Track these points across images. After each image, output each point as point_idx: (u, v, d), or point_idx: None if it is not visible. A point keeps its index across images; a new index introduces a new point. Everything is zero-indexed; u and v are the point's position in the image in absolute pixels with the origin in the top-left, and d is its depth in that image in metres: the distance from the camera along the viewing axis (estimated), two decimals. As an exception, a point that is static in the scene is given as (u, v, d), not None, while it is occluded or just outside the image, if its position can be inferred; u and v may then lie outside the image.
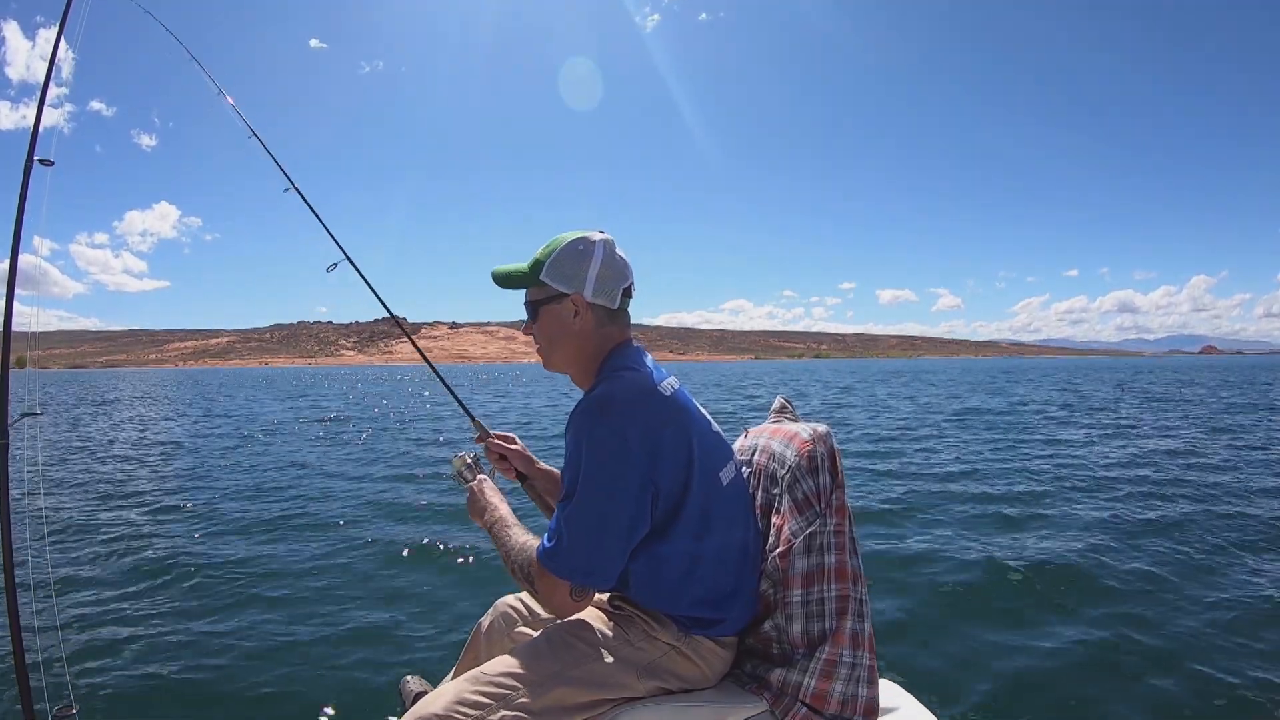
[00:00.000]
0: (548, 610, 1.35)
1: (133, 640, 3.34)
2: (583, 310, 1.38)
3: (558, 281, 1.37)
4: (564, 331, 1.40)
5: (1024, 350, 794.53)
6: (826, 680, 1.29)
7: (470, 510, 1.56)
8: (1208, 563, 4.36)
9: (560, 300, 1.38)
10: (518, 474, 1.79)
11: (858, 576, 1.36)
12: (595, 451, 1.23)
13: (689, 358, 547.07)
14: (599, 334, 1.40)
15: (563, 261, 1.37)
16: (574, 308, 1.38)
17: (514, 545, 1.38)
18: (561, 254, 1.37)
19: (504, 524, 1.44)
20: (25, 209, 1.84)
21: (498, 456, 1.79)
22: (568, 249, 1.38)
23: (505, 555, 1.39)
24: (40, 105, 1.93)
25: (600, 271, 1.37)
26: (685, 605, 1.33)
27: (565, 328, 1.40)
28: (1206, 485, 6.78)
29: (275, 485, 7.50)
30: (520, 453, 1.79)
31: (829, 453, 1.41)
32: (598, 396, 1.28)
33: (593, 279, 1.36)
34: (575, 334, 1.39)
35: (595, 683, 1.29)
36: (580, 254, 1.37)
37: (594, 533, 1.24)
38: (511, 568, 1.36)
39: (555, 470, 1.79)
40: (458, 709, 1.23)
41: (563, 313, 1.39)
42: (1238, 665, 3.01)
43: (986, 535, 5.11)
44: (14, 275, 1.86)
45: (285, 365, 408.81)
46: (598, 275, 1.37)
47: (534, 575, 1.30)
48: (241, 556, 4.72)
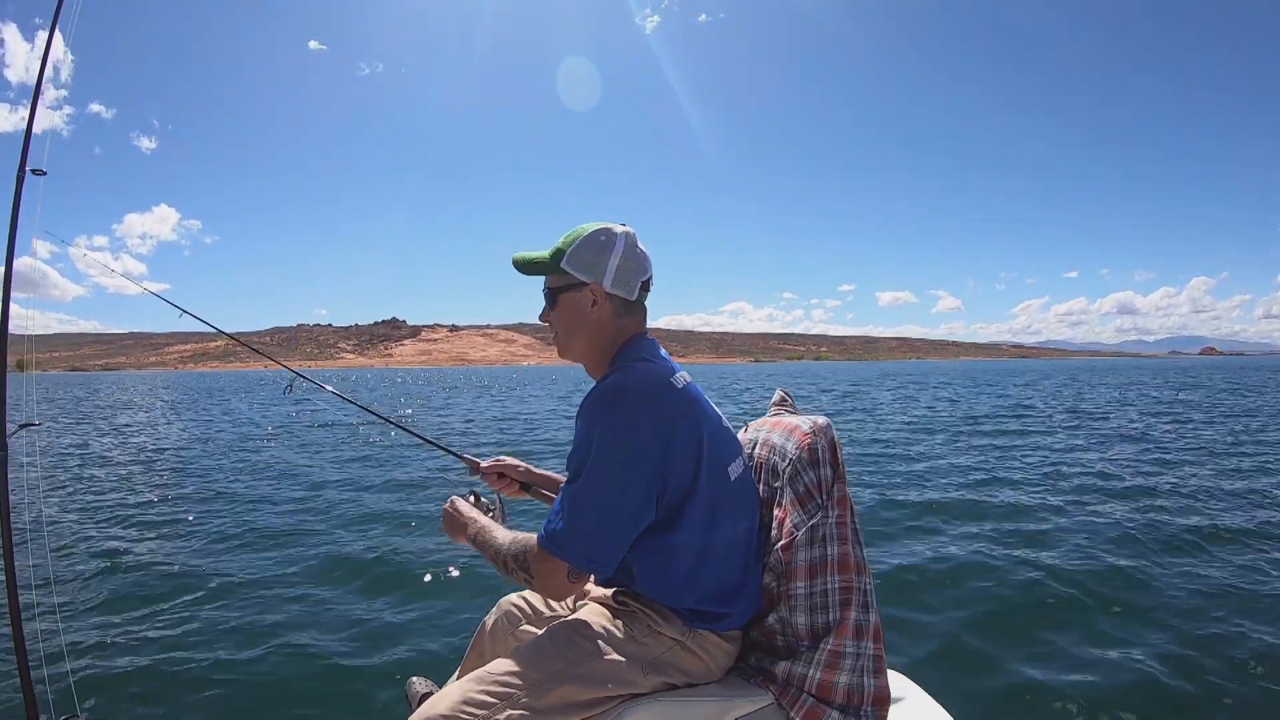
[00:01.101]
0: (543, 593, 1.34)
1: (136, 646, 3.33)
2: (601, 300, 1.39)
3: (578, 270, 1.38)
4: (581, 320, 1.41)
5: (1024, 352, 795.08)
6: (831, 671, 1.29)
7: (448, 530, 1.55)
8: (1229, 566, 4.36)
9: (579, 289, 1.39)
10: (521, 486, 1.81)
11: (861, 567, 1.36)
12: (606, 440, 1.23)
13: (689, 360, 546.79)
14: (615, 324, 1.41)
15: (584, 250, 1.38)
16: (592, 297, 1.39)
17: (503, 540, 1.37)
18: (583, 243, 1.38)
19: (487, 529, 1.44)
20: (19, 218, 1.84)
21: (495, 476, 1.81)
22: (589, 238, 1.39)
23: (495, 554, 1.37)
24: (31, 114, 1.93)
25: (620, 263, 1.38)
26: (692, 599, 1.33)
27: (583, 316, 1.40)
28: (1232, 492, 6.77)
29: (277, 489, 7.49)
30: (515, 467, 1.81)
31: (829, 445, 1.41)
32: (611, 385, 1.28)
33: (613, 269, 1.37)
34: (592, 323, 1.40)
35: (600, 680, 1.28)
36: (602, 244, 1.38)
37: (599, 520, 1.24)
38: (503, 560, 1.34)
39: (556, 475, 1.81)
40: (463, 709, 1.23)
41: (581, 301, 1.40)
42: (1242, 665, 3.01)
43: (998, 539, 5.11)
44: (9, 283, 1.85)
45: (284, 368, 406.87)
46: (618, 266, 1.38)
47: (530, 559, 1.29)
48: (245, 560, 4.71)
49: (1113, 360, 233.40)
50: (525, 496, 1.82)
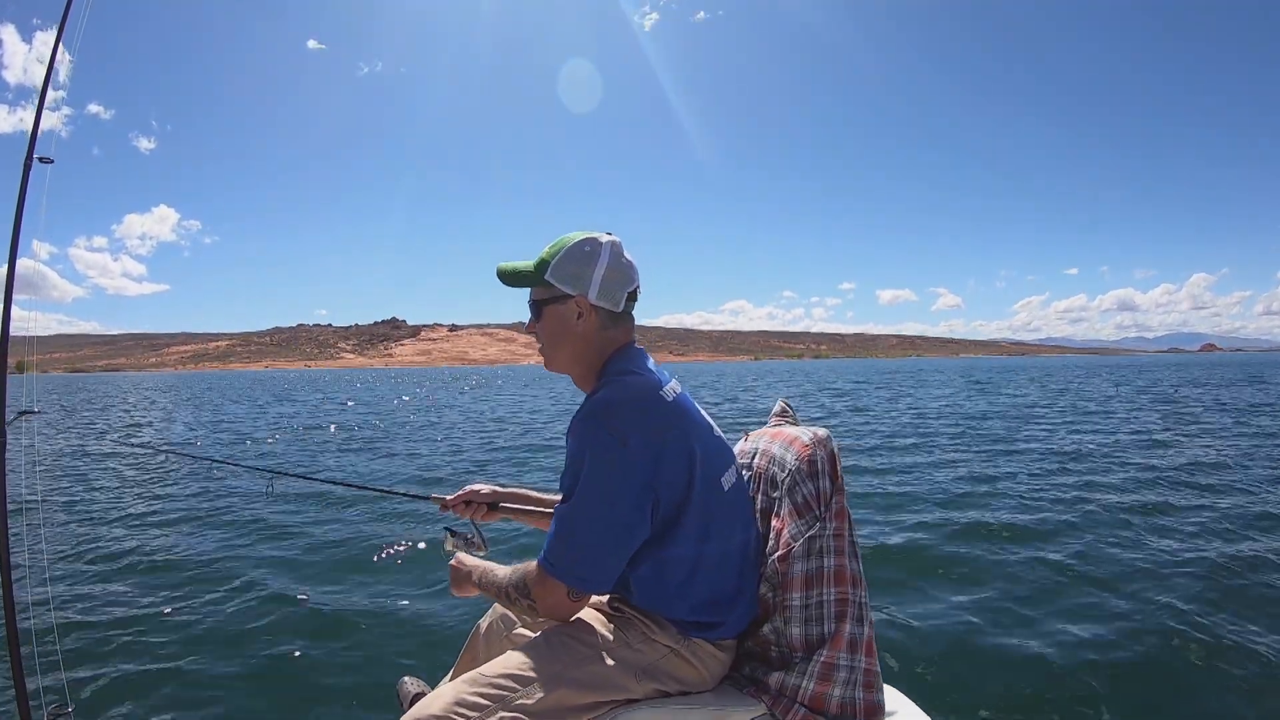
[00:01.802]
0: (545, 615, 1.35)
1: (130, 642, 3.33)
2: (586, 312, 1.37)
3: (562, 282, 1.36)
4: (566, 332, 1.39)
5: (1024, 349, 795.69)
6: (825, 683, 1.29)
7: (455, 587, 1.59)
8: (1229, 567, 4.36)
9: (564, 301, 1.38)
10: (489, 507, 1.84)
11: (857, 580, 1.36)
12: (597, 457, 1.23)
13: (689, 358, 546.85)
14: (601, 336, 1.39)
15: (568, 262, 1.36)
16: (577, 309, 1.37)
17: (504, 574, 1.42)
18: (567, 254, 1.37)
19: (488, 571, 1.49)
20: (24, 211, 1.84)
21: (463, 504, 1.85)
22: (574, 249, 1.37)
23: (498, 590, 1.42)
24: (40, 104, 1.94)
25: (606, 274, 1.36)
26: (687, 609, 1.33)
27: (568, 329, 1.39)
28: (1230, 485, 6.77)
29: (274, 489, 7.48)
30: (480, 492, 1.85)
31: (829, 456, 1.41)
32: (600, 401, 1.27)
33: (598, 281, 1.35)
34: (578, 335, 1.39)
35: (594, 684, 1.28)
36: (587, 255, 1.36)
37: (594, 538, 1.24)
38: (506, 593, 1.39)
39: (522, 489, 1.87)
40: (456, 710, 1.23)
41: (566, 314, 1.38)
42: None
43: (996, 541, 5.10)
44: (12, 278, 1.86)
45: (285, 368, 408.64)
46: (603, 278, 1.36)
47: (530, 584, 1.32)
48: (237, 560, 4.70)
49: (1113, 358, 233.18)
50: (496, 517, 1.86)
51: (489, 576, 1.47)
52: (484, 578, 1.48)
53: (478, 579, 1.51)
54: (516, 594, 1.35)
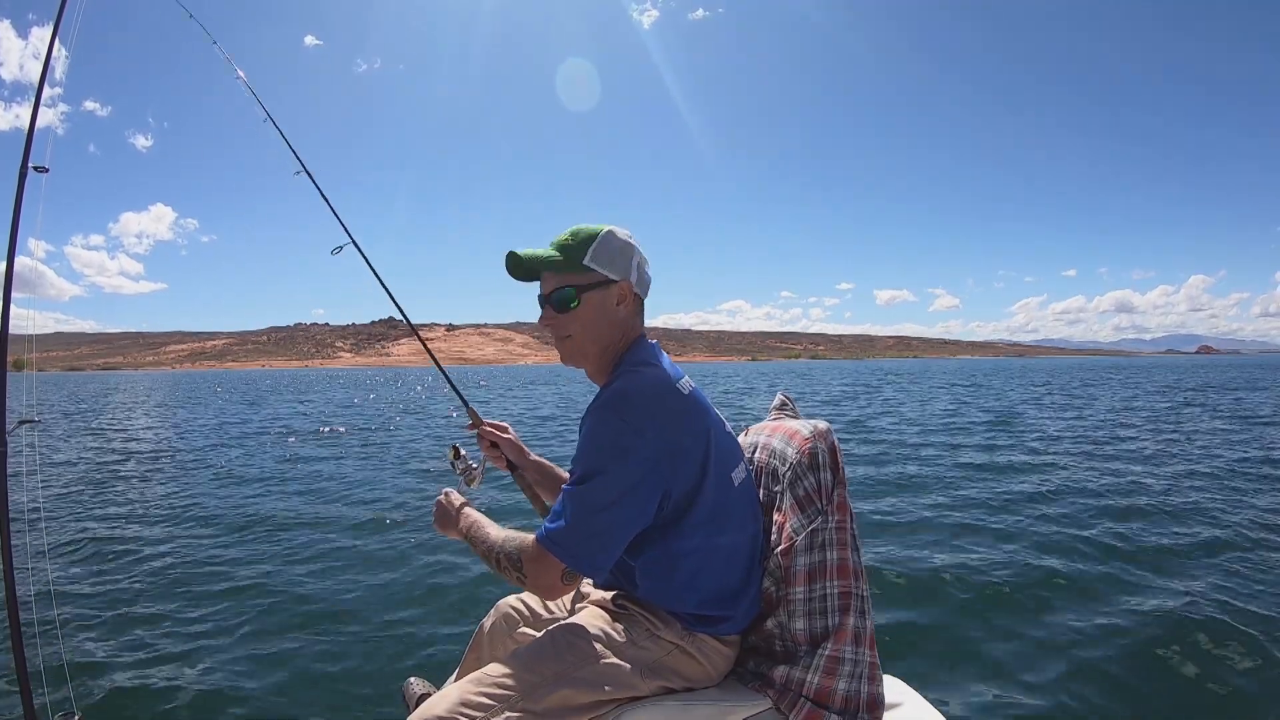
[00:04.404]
0: (533, 591, 1.32)
1: (134, 646, 3.33)
2: (627, 298, 1.38)
3: (606, 267, 1.34)
4: (604, 319, 1.37)
5: (1022, 350, 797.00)
6: (830, 677, 1.29)
7: (439, 523, 1.53)
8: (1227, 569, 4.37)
9: (607, 287, 1.36)
10: (509, 463, 1.81)
11: (859, 573, 1.36)
12: (611, 446, 1.23)
13: (685, 358, 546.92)
14: (630, 324, 1.40)
15: (608, 247, 1.35)
16: (619, 295, 1.37)
17: (497, 537, 1.36)
18: (605, 240, 1.35)
19: (481, 524, 1.43)
20: (20, 215, 1.84)
21: (489, 444, 1.81)
22: (608, 236, 1.36)
23: (487, 550, 1.36)
24: (35, 110, 1.93)
25: (640, 260, 1.39)
26: (693, 603, 1.33)
27: (607, 315, 1.36)
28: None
29: (274, 490, 7.48)
30: (512, 442, 1.81)
31: (830, 449, 1.41)
32: (618, 390, 1.27)
33: (635, 267, 1.38)
34: (613, 323, 1.37)
35: (599, 683, 1.28)
36: (625, 242, 1.37)
37: (600, 524, 1.23)
38: (496, 558, 1.33)
39: (546, 462, 1.82)
40: (461, 710, 1.23)
41: (607, 300, 1.36)
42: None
43: (994, 539, 5.11)
44: (9, 281, 1.85)
45: (282, 367, 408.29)
46: (639, 264, 1.38)
47: (525, 558, 1.27)
48: (241, 561, 4.70)
49: (1111, 360, 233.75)
50: (506, 471, 1.80)
51: (479, 531, 1.40)
52: (473, 531, 1.42)
53: (465, 528, 1.44)
54: (508, 563, 1.30)
